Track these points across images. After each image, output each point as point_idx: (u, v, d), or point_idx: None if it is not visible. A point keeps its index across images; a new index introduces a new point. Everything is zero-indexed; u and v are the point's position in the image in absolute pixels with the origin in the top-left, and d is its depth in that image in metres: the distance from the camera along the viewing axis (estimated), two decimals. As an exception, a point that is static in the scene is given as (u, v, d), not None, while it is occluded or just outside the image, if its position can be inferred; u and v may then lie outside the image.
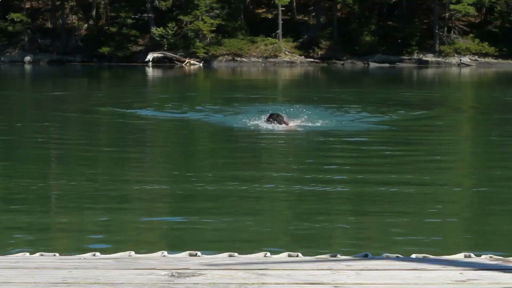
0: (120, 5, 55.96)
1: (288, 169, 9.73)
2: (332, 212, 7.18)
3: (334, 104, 19.69)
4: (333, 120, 14.66)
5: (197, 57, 52.62)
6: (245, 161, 10.49)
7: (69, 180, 9.03)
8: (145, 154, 11.63)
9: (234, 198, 7.83)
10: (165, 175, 9.58)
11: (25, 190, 8.42)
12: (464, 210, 7.43)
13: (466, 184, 8.98)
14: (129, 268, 3.65)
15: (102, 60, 54.14)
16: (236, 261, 3.80)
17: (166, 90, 30.38)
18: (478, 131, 14.84)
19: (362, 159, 10.57)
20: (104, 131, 15.26)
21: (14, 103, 22.58)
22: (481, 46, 52.01)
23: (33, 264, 3.77)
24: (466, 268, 3.59)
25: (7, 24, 56.51)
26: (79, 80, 36.57)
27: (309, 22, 56.88)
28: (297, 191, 8.25)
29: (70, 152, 11.69)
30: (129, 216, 7.08)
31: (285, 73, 44.43)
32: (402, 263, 3.74)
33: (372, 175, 9.10)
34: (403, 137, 13.19)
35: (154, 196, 8.13)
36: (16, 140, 13.35)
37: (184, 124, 15.50)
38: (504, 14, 53.48)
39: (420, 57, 52.43)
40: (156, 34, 53.26)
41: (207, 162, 10.65)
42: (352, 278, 3.45)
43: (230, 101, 20.72)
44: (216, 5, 53.37)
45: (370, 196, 7.81)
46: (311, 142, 11.95)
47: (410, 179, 8.92)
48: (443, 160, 10.66)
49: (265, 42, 53.49)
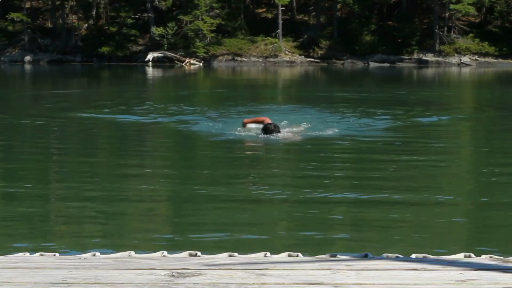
0: (120, 5, 55.98)
1: (288, 172, 9.73)
2: (332, 212, 7.18)
3: (334, 105, 19.69)
4: (334, 125, 14.06)
5: (197, 57, 52.63)
6: (245, 164, 10.49)
7: (69, 179, 9.03)
8: (145, 155, 11.63)
9: (234, 198, 7.83)
10: (165, 176, 9.59)
11: (25, 189, 8.42)
12: (464, 210, 7.43)
13: (466, 184, 8.98)
14: (129, 268, 3.65)
15: (102, 60, 54.17)
16: (236, 261, 3.80)
17: (159, 90, 30.32)
18: (479, 132, 14.84)
19: (363, 162, 10.57)
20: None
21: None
22: (481, 46, 52.02)
23: (33, 264, 3.77)
24: (466, 268, 3.59)
25: (7, 24, 56.52)
26: (66, 80, 36.17)
27: (309, 22, 56.89)
28: (297, 192, 8.26)
29: (70, 152, 11.71)
30: (129, 216, 7.08)
31: (285, 72, 44.43)
32: (402, 263, 3.74)
33: (372, 176, 9.10)
34: (403, 137, 13.18)
35: (154, 196, 8.14)
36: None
37: (176, 127, 14.84)
38: (504, 14, 53.50)
39: (420, 57, 52.45)
40: (156, 34, 53.27)
41: (207, 164, 10.66)
42: (352, 278, 3.45)
43: (226, 101, 20.64)
44: (216, 4, 53.38)
45: (371, 197, 7.81)
46: (310, 146, 11.91)
47: (410, 179, 8.92)
48: (443, 161, 10.66)
49: (265, 42, 53.50)
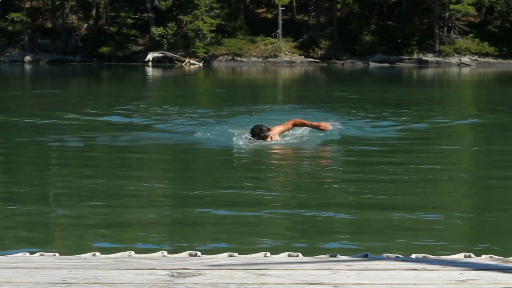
0: (120, 5, 56.01)
1: (288, 173, 9.72)
2: (332, 212, 7.17)
3: (334, 106, 19.68)
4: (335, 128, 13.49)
5: (197, 57, 52.65)
6: (245, 164, 10.48)
7: (68, 180, 9.03)
8: (146, 154, 11.63)
9: (235, 199, 7.83)
10: (165, 176, 9.58)
11: (25, 190, 8.42)
12: (464, 210, 7.43)
13: (466, 184, 8.98)
14: (129, 268, 3.65)
15: (102, 60, 54.19)
16: (236, 261, 3.80)
17: (159, 90, 30.32)
18: (480, 133, 14.83)
19: (363, 162, 10.57)
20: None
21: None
22: (481, 46, 52.05)
23: (33, 264, 3.77)
24: (466, 268, 3.59)
25: (7, 24, 56.55)
26: (63, 80, 36.06)
27: (309, 22, 56.91)
28: (297, 192, 8.26)
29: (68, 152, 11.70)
30: (129, 216, 7.08)
31: (285, 73, 44.42)
32: (402, 263, 3.74)
33: (372, 176, 9.10)
34: (403, 138, 13.17)
35: (155, 196, 8.13)
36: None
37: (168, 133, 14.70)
38: (504, 14, 53.53)
39: (420, 57, 52.47)
40: (156, 34, 53.29)
41: (207, 164, 10.65)
42: (352, 278, 3.45)
43: (225, 101, 20.59)
44: (216, 5, 53.41)
45: (371, 197, 7.81)
46: (310, 148, 11.89)
47: (410, 180, 8.91)
48: (443, 161, 10.66)
49: (265, 42, 53.52)
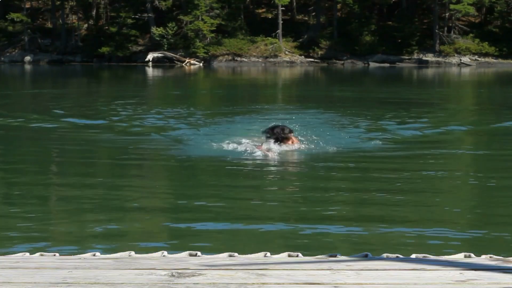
0: (120, 5, 56.02)
1: (288, 174, 9.73)
2: (332, 212, 7.18)
3: (334, 106, 19.67)
4: (336, 132, 13.33)
5: (197, 57, 52.65)
6: (245, 164, 10.49)
7: (68, 181, 9.03)
8: (146, 155, 11.63)
9: (235, 199, 7.83)
10: (165, 176, 9.59)
11: (25, 190, 8.42)
12: (464, 210, 7.43)
13: (466, 184, 8.98)
14: (129, 268, 3.65)
15: (102, 60, 54.18)
16: (236, 261, 3.80)
17: (159, 89, 30.29)
18: (481, 135, 14.82)
19: (363, 162, 10.57)
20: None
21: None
22: (481, 46, 52.04)
23: (33, 264, 3.77)
24: (466, 268, 3.59)
25: (7, 24, 56.56)
26: (60, 80, 35.95)
27: (309, 22, 56.91)
28: (298, 192, 8.27)
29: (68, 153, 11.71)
30: (129, 216, 7.08)
31: (285, 73, 44.42)
32: (402, 263, 3.74)
33: (372, 176, 9.11)
34: (404, 138, 13.17)
35: (154, 196, 8.14)
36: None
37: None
38: (504, 14, 53.52)
39: (420, 57, 52.47)
40: (156, 34, 53.28)
41: (207, 164, 10.65)
42: (352, 278, 3.45)
43: (225, 101, 20.56)
44: (216, 5, 53.41)
45: (371, 197, 7.82)
46: (310, 148, 11.85)
47: (410, 180, 8.92)
48: (443, 162, 10.67)
49: (265, 42, 53.52)
